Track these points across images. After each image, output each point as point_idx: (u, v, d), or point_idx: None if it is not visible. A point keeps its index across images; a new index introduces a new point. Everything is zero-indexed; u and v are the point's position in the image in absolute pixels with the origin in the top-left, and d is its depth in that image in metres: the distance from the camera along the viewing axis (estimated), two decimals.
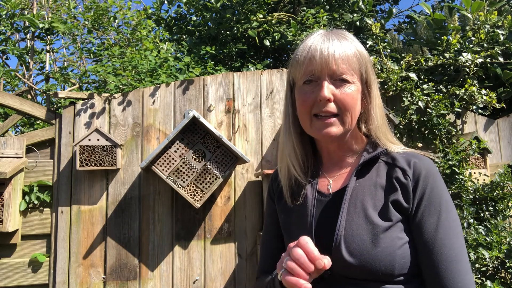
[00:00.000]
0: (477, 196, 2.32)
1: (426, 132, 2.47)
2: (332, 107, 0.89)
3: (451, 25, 2.81)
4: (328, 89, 0.88)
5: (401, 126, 2.45)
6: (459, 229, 0.88)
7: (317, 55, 0.89)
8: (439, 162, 2.35)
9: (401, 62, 2.62)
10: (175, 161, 1.97)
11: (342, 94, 0.89)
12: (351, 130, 0.95)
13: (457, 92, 2.47)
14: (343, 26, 3.29)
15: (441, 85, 2.58)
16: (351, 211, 0.89)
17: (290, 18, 3.31)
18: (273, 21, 3.20)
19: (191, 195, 1.97)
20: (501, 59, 2.65)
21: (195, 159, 2.00)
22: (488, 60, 2.65)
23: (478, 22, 2.71)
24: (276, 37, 3.09)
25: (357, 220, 0.88)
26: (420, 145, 2.51)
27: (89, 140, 1.99)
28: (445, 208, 0.88)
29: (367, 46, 3.12)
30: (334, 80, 0.89)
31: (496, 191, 2.27)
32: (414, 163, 0.91)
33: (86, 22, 2.98)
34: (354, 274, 0.86)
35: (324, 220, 0.93)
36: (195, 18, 3.55)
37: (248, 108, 2.30)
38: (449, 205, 0.89)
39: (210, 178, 2.00)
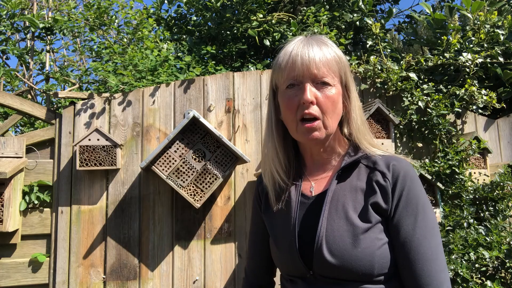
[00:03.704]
0: (477, 196, 2.32)
1: (426, 132, 2.47)
2: (315, 109, 0.92)
3: (451, 25, 2.81)
4: (310, 92, 0.92)
5: (401, 126, 2.45)
6: (436, 229, 0.91)
7: (299, 60, 0.92)
8: (439, 162, 2.35)
9: (401, 62, 2.62)
10: (175, 161, 1.97)
11: (324, 96, 0.93)
12: (333, 132, 0.99)
13: (457, 92, 2.47)
14: (343, 26, 3.29)
15: (441, 85, 2.58)
16: (332, 213, 0.92)
17: (290, 18, 3.31)
18: (273, 21, 3.20)
19: (191, 195, 1.97)
20: (501, 59, 2.65)
21: (195, 159, 2.00)
22: (488, 60, 2.65)
23: (478, 22, 2.71)
24: (276, 37, 3.09)
25: (338, 222, 0.91)
26: (420, 145, 2.51)
27: (89, 140, 1.99)
28: (422, 208, 0.91)
29: (367, 46, 3.12)
30: (316, 84, 0.93)
31: (496, 191, 2.27)
32: (393, 166, 0.94)
33: (87, 21, 2.98)
34: (335, 274, 0.88)
35: (306, 222, 0.96)
36: (195, 18, 3.55)
37: (248, 108, 2.30)
38: (426, 205, 0.92)
39: (210, 178, 2.00)
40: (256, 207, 1.15)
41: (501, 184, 2.26)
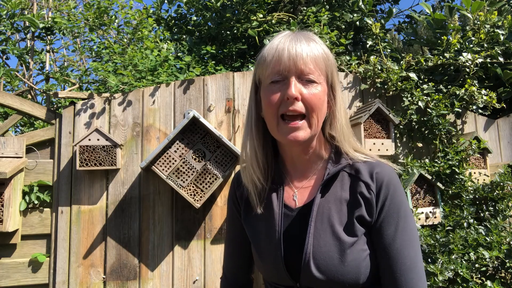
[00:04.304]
0: (477, 196, 2.32)
1: (426, 132, 2.47)
2: (299, 106, 0.88)
3: (451, 25, 2.81)
4: (295, 88, 0.87)
5: (401, 126, 2.45)
6: (415, 237, 0.92)
7: (285, 55, 0.88)
8: (439, 162, 2.35)
9: (401, 62, 2.62)
10: (175, 161, 1.97)
11: (310, 94, 0.88)
12: (317, 133, 0.94)
13: (457, 92, 2.47)
14: (343, 26, 3.29)
15: (441, 85, 2.58)
16: (318, 227, 0.91)
17: (290, 18, 3.31)
18: (273, 21, 3.20)
19: (191, 195, 1.97)
20: (501, 59, 2.65)
21: (195, 159, 2.00)
22: (488, 60, 2.65)
23: (478, 22, 2.71)
24: None
25: (324, 237, 0.89)
26: (420, 145, 2.51)
27: (89, 140, 1.99)
28: (403, 217, 0.91)
29: (367, 46, 3.12)
30: (301, 80, 0.89)
31: (496, 191, 2.27)
32: (376, 174, 0.92)
33: (87, 21, 2.98)
34: (321, 286, 0.89)
35: (292, 237, 0.94)
36: (195, 18, 3.55)
37: None
38: (407, 214, 0.92)
39: (210, 178, 2.00)
40: (233, 211, 1.11)
41: (501, 184, 2.26)
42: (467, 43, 2.72)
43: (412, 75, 2.51)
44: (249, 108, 1.00)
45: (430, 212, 2.26)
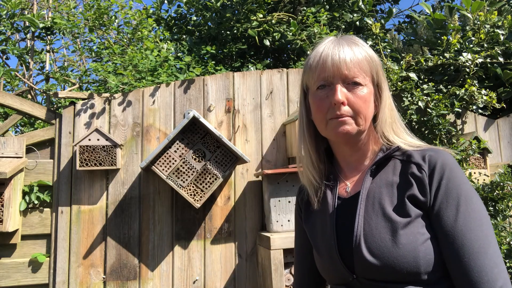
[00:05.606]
0: None
1: (426, 132, 2.47)
2: (346, 110, 0.91)
3: (451, 25, 2.81)
4: (341, 93, 0.90)
5: None
6: (484, 220, 0.84)
7: (329, 61, 0.91)
8: None
9: (401, 62, 2.62)
10: (175, 161, 1.97)
11: (355, 96, 0.91)
12: (365, 131, 0.96)
13: (457, 92, 2.47)
14: (343, 26, 3.29)
15: (441, 85, 2.58)
16: (369, 210, 0.89)
17: (290, 18, 3.31)
18: (273, 21, 3.20)
19: (191, 195, 1.97)
20: (501, 59, 2.65)
21: (195, 159, 2.00)
22: (488, 60, 2.65)
23: (478, 22, 2.71)
24: (276, 37, 3.09)
25: (375, 219, 0.87)
26: None
27: (89, 140, 1.99)
28: (464, 199, 0.84)
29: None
30: (347, 84, 0.91)
31: (496, 191, 2.27)
32: (429, 156, 0.90)
33: (87, 21, 2.98)
34: (378, 275, 0.84)
35: (344, 223, 0.93)
36: (195, 18, 3.55)
37: (248, 108, 2.30)
38: (470, 195, 0.85)
39: (210, 178, 2.00)
40: (298, 220, 1.14)
41: (501, 184, 2.26)
42: (467, 43, 2.72)
43: (412, 75, 2.51)
44: (300, 114, 1.05)
45: None
